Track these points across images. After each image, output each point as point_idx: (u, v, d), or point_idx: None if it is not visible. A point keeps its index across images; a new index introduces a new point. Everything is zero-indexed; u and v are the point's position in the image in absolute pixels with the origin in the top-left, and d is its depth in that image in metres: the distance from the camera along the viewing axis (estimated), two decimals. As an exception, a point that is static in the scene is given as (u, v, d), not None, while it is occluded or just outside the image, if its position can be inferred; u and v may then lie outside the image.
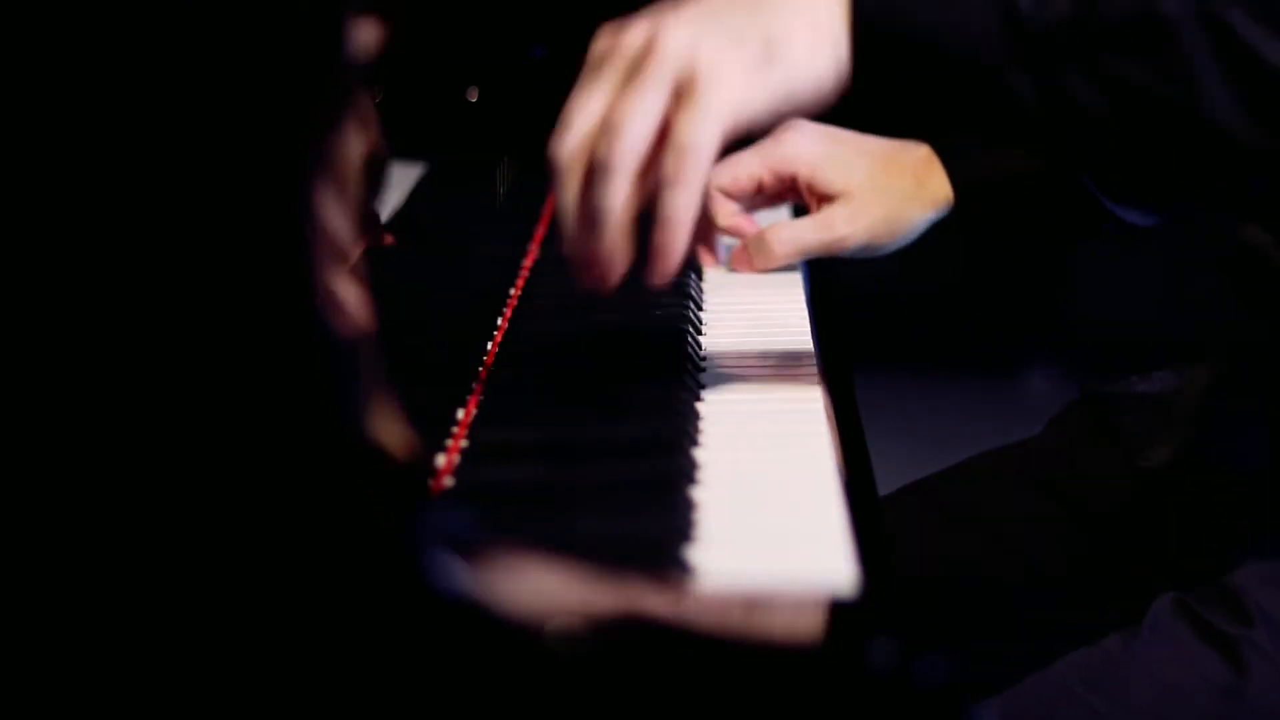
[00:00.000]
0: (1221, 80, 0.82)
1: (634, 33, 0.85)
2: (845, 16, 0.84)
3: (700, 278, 1.21)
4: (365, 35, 0.63)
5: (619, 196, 0.83)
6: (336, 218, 0.62)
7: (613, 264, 0.85)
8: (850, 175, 1.20)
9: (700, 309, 1.13)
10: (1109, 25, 0.83)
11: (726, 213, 1.21)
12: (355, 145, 0.64)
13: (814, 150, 1.21)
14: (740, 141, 0.95)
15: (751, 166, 1.20)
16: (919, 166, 1.20)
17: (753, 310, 1.14)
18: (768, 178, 1.20)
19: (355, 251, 0.96)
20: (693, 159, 0.82)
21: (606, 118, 0.84)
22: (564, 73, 1.60)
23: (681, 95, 0.83)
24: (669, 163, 0.83)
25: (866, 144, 1.22)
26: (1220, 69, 0.82)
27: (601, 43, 0.87)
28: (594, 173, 0.84)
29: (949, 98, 0.86)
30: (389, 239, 1.23)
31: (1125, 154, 0.87)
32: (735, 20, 0.84)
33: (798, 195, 1.22)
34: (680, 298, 1.12)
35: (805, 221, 1.19)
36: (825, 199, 1.19)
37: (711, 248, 1.18)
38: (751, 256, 1.21)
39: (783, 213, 1.32)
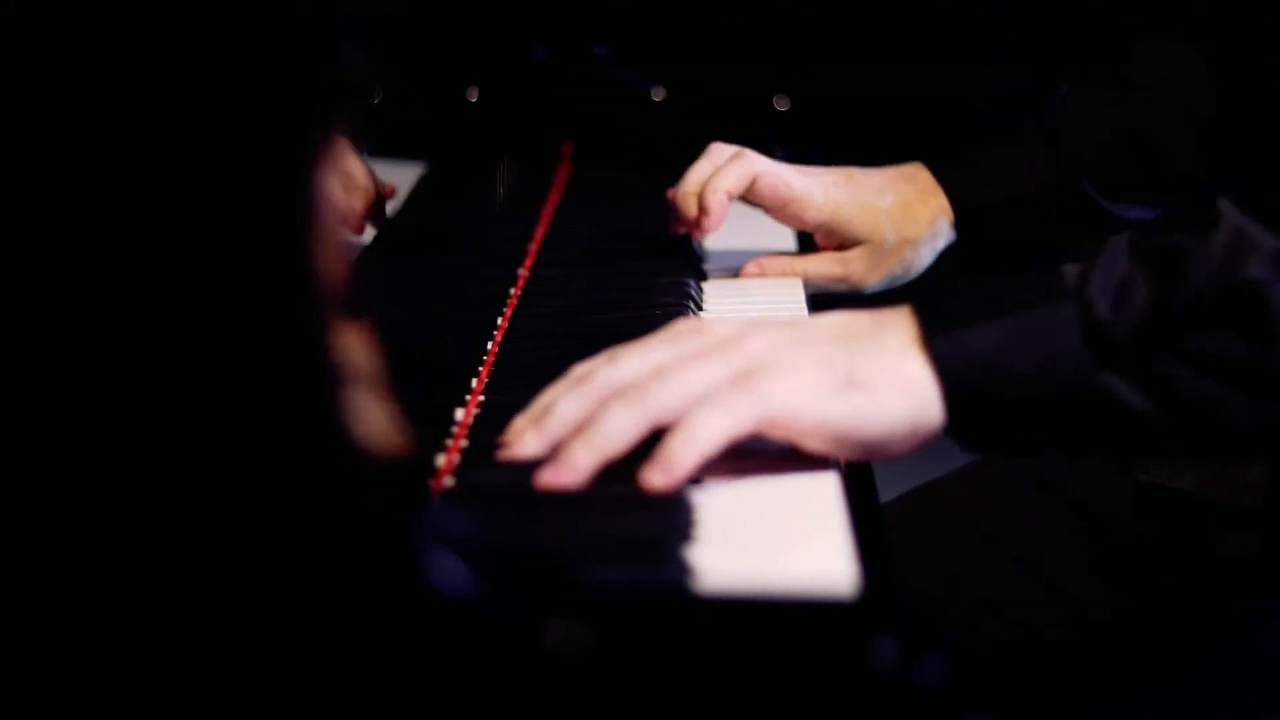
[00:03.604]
0: None
1: (724, 327, 0.84)
2: (936, 382, 0.82)
3: (700, 280, 1.20)
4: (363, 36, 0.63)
5: (631, 432, 0.80)
6: (336, 216, 0.62)
7: (576, 472, 0.80)
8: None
9: (700, 310, 1.13)
10: (1192, 302, 0.80)
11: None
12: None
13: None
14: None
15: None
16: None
17: (753, 313, 1.14)
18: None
19: (354, 250, 0.96)
20: (689, 422, 0.79)
21: (663, 367, 0.81)
22: (564, 73, 1.61)
23: (738, 379, 0.80)
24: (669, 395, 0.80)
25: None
26: None
27: (687, 324, 0.86)
28: (621, 395, 0.81)
29: (1053, 429, 0.82)
30: (389, 189, 1.30)
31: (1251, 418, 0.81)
32: (826, 350, 0.82)
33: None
34: (680, 299, 1.12)
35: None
36: None
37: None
38: None
39: (787, 235, 1.31)
